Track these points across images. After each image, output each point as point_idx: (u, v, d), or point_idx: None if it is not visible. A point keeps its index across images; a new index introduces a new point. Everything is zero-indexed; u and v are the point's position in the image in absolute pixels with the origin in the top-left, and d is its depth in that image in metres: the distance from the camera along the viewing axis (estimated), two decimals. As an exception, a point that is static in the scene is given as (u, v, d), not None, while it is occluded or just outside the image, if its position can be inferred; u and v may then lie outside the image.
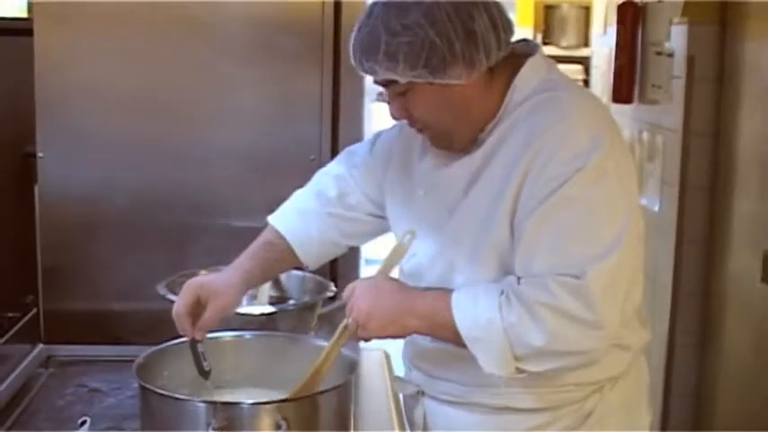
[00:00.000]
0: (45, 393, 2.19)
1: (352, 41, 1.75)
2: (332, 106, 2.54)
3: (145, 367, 1.81)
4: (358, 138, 2.52)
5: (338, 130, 2.57)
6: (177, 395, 1.69)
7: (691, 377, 3.86)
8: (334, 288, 2.35)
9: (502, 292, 1.70)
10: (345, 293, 1.79)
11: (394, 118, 1.83)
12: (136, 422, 1.98)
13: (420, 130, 1.84)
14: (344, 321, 1.78)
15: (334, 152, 2.52)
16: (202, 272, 2.32)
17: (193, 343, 1.91)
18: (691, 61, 3.72)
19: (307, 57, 2.52)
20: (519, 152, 1.74)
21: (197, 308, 1.91)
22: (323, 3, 2.50)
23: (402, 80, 1.71)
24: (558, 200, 1.69)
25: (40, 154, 2.52)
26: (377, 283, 1.80)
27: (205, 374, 1.90)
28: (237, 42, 2.52)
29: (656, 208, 4.00)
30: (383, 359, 2.46)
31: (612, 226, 1.70)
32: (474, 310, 1.70)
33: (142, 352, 2.26)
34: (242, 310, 2.22)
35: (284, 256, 2.08)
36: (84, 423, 1.44)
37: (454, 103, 1.76)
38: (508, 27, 1.75)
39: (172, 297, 2.14)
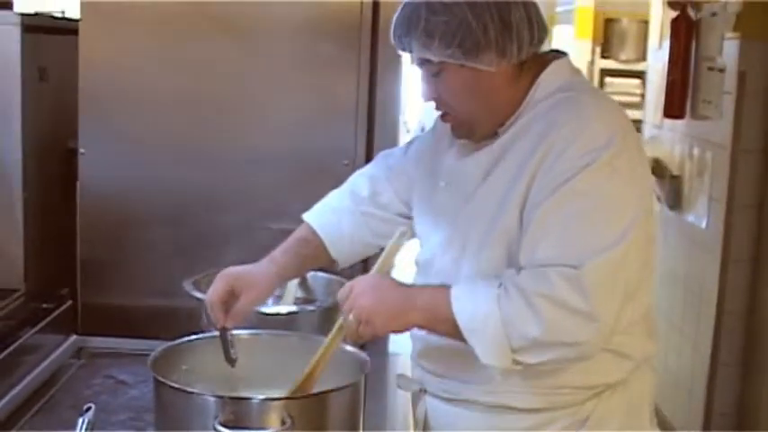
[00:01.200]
0: (73, 383, 2.24)
1: (394, 19, 1.82)
2: (367, 112, 2.57)
3: (161, 360, 1.84)
4: (393, 144, 2.54)
5: (373, 136, 2.59)
6: (186, 388, 1.72)
7: (733, 396, 3.82)
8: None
9: (500, 285, 1.73)
10: (341, 293, 1.81)
11: (424, 99, 1.89)
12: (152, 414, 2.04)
13: (444, 116, 1.90)
14: (340, 320, 1.81)
15: (369, 158, 2.55)
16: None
17: (223, 331, 1.95)
18: (742, 77, 3.69)
19: (344, 62, 2.55)
20: (534, 145, 1.79)
21: (230, 297, 1.96)
22: (362, 6, 2.53)
23: (435, 59, 1.78)
24: (566, 192, 1.73)
25: (81, 150, 2.58)
26: (375, 281, 1.82)
27: (232, 362, 1.94)
28: (276, 47, 2.56)
29: (704, 225, 3.97)
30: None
31: (619, 222, 1.73)
32: (473, 303, 1.73)
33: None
34: (266, 309, 2.26)
35: (317, 253, 2.12)
36: (88, 410, 1.48)
37: (481, 90, 1.82)
38: (542, 27, 1.82)
39: (197, 294, 2.18)
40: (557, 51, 1.94)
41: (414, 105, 6.14)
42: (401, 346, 2.53)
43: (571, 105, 1.81)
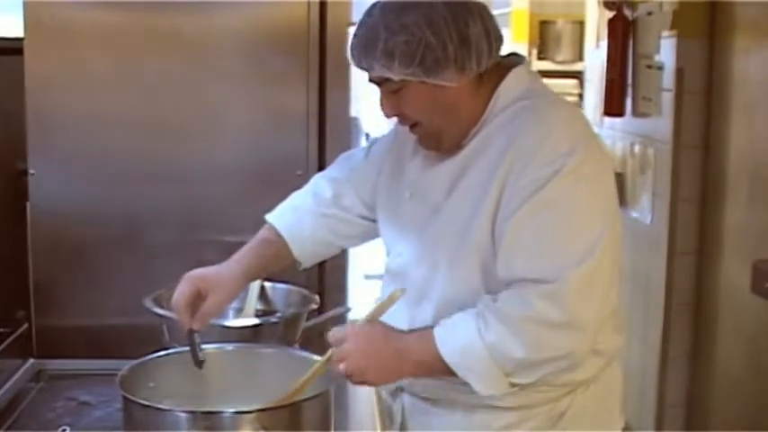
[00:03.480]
0: (35, 406, 2.22)
1: (351, 39, 1.84)
2: (318, 122, 2.58)
3: (129, 379, 1.84)
4: (346, 151, 2.55)
5: (325, 145, 2.60)
6: (158, 405, 1.72)
7: (683, 387, 3.88)
8: (318, 301, 2.38)
9: (478, 315, 1.75)
10: (334, 338, 1.80)
11: (386, 116, 1.90)
12: (122, 435, 2.03)
13: (412, 128, 1.91)
14: (329, 353, 1.81)
15: (321, 167, 2.56)
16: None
17: (191, 333, 1.96)
18: (680, 74, 3.75)
19: (293, 74, 2.56)
20: (499, 156, 1.81)
21: (196, 299, 1.98)
22: (308, 17, 2.54)
23: (396, 78, 1.79)
24: (536, 203, 1.75)
25: (31, 171, 2.55)
26: (369, 334, 1.81)
27: (200, 364, 1.95)
28: (225, 61, 2.56)
29: (648, 220, 4.03)
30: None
31: (590, 229, 1.77)
32: (456, 341, 1.75)
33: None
34: (228, 322, 2.26)
35: (281, 253, 2.14)
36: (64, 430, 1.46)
37: (444, 104, 1.84)
38: (499, 37, 1.84)
39: (158, 311, 2.18)
40: (515, 55, 1.97)
41: (370, 112, 6.14)
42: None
43: (531, 115, 1.83)
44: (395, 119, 1.91)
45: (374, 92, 1.91)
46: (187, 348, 1.97)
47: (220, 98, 2.56)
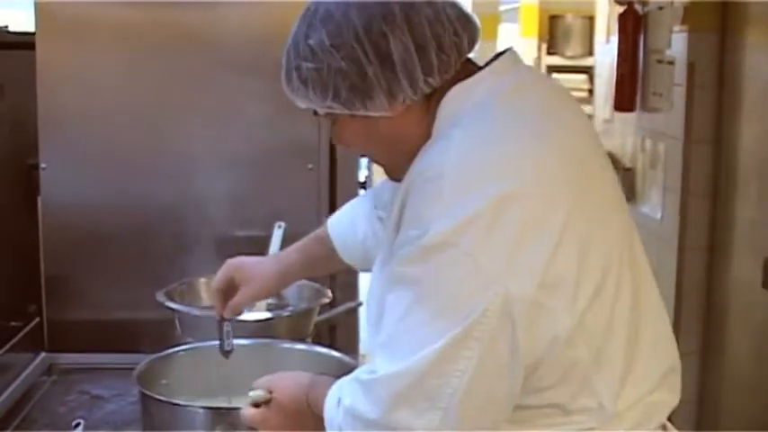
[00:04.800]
0: (47, 400, 2.23)
1: None
2: (330, 116, 2.57)
3: (145, 374, 1.84)
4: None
5: (337, 140, 2.59)
6: (178, 401, 1.71)
7: (694, 384, 3.87)
8: (330, 295, 2.38)
9: (338, 389, 1.50)
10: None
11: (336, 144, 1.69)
12: (135, 427, 2.03)
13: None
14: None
15: (333, 160, 2.56)
16: (201, 279, 2.38)
17: (221, 321, 1.92)
18: (691, 68, 3.74)
19: (304, 67, 2.55)
20: (399, 203, 1.48)
21: (230, 288, 1.91)
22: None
23: (321, 111, 1.52)
24: (390, 274, 1.43)
25: (42, 165, 2.56)
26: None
27: (226, 354, 1.92)
28: (236, 55, 2.56)
29: (658, 216, 4.02)
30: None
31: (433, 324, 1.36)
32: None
33: (143, 359, 2.31)
34: (241, 316, 2.25)
35: (330, 255, 1.97)
36: (77, 425, 1.46)
37: (383, 136, 1.51)
38: (451, 46, 1.46)
39: (171, 305, 2.18)
40: (510, 53, 1.57)
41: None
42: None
43: (436, 153, 1.42)
44: None
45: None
46: (202, 343, 1.97)
47: (231, 92, 2.56)
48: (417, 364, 1.35)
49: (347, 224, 1.96)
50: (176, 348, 1.99)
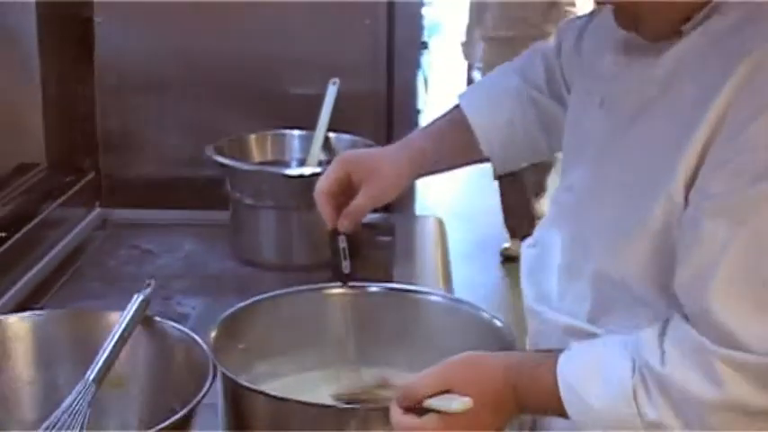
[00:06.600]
0: (98, 254, 2.24)
1: None
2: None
3: (219, 339, 1.40)
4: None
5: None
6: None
7: None
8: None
9: (633, 366, 1.15)
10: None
11: None
12: (181, 282, 2.05)
13: None
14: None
15: (391, 16, 2.46)
16: (252, 135, 2.33)
17: (334, 234, 1.50)
18: None
19: None
20: (719, 76, 1.12)
21: (347, 189, 1.51)
22: None
23: None
24: (763, 195, 1.07)
25: (98, 19, 2.51)
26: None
27: (344, 278, 1.52)
28: None
29: None
30: (437, 228, 2.43)
31: None
32: (593, 403, 1.16)
33: (195, 216, 2.30)
34: (289, 171, 2.21)
35: (468, 142, 1.60)
36: (148, 285, 1.41)
37: None
38: None
39: (219, 159, 2.14)
40: None
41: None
42: (428, 207, 2.50)
43: None
44: None
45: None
46: (285, 291, 1.54)
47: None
48: None
49: (487, 105, 1.61)
50: (255, 299, 1.51)
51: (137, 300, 1.40)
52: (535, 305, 1.39)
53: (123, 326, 1.36)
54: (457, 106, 1.62)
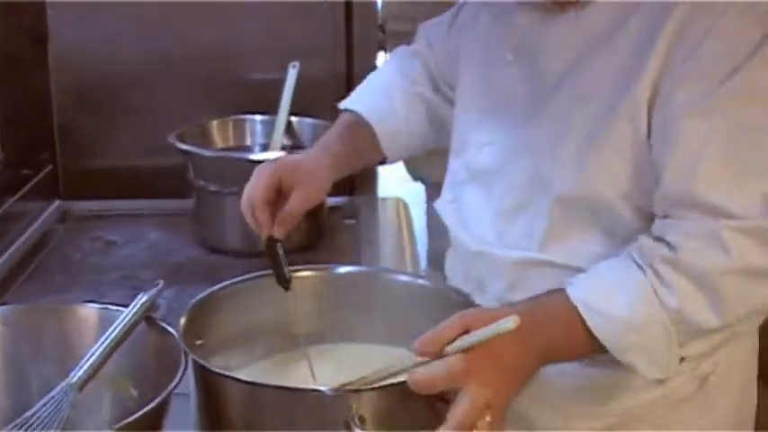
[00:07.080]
0: (61, 247, 2.20)
1: None
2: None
3: (188, 328, 1.35)
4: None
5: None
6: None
7: None
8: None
9: (642, 268, 1.23)
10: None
11: None
12: (149, 272, 2.02)
13: None
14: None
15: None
16: (214, 122, 2.30)
17: (271, 242, 1.50)
18: None
19: None
20: (664, 11, 1.25)
21: (276, 197, 1.51)
22: None
23: None
24: (734, 88, 1.20)
25: (51, 12, 2.47)
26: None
27: (286, 283, 1.49)
28: None
29: None
30: (400, 208, 2.43)
31: None
32: (618, 314, 1.22)
33: (158, 206, 2.27)
34: (253, 156, 2.19)
35: (370, 144, 1.71)
36: (157, 285, 1.36)
37: None
38: None
39: (182, 146, 2.11)
40: None
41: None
42: (390, 189, 2.50)
43: None
44: None
45: None
46: (246, 277, 1.52)
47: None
48: None
49: (383, 105, 1.71)
50: (222, 285, 1.48)
51: (139, 301, 1.35)
52: (481, 248, 1.49)
53: (118, 329, 1.31)
54: (347, 110, 1.73)
